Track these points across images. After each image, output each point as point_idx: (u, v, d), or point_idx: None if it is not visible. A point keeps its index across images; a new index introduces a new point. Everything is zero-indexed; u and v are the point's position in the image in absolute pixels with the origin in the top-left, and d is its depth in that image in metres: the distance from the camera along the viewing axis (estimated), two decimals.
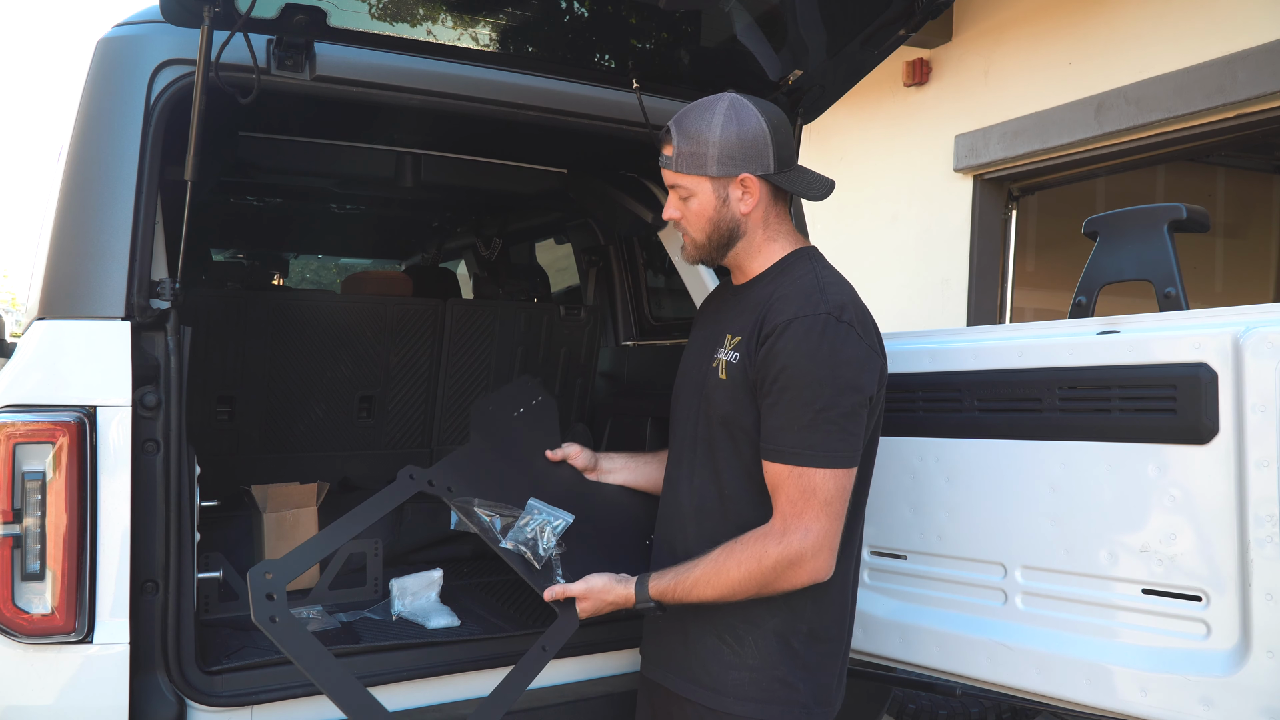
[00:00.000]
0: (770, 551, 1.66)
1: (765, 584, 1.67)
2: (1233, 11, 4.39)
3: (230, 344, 3.01)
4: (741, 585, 1.68)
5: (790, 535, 1.66)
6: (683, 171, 1.79)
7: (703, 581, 1.70)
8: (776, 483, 1.69)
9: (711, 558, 1.71)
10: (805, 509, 1.66)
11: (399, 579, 2.43)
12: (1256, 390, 1.64)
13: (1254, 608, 1.64)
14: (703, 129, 1.76)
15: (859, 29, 2.18)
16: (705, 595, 1.71)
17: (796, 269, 1.81)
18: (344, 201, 4.01)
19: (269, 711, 1.92)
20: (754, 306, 1.79)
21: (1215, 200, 6.99)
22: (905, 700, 3.74)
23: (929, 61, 6.13)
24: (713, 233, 1.81)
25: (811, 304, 1.69)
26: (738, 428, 1.76)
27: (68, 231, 1.81)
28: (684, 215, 1.83)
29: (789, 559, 1.65)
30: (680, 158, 1.78)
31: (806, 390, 1.65)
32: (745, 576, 1.67)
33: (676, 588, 1.73)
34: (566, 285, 4.64)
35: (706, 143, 1.75)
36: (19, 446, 1.69)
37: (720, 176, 1.77)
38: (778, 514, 1.69)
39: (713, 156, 1.76)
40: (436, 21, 2.14)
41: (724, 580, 1.69)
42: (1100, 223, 2.17)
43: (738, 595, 1.69)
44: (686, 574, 1.73)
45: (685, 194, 1.81)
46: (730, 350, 1.78)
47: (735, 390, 1.76)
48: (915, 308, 6.05)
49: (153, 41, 1.87)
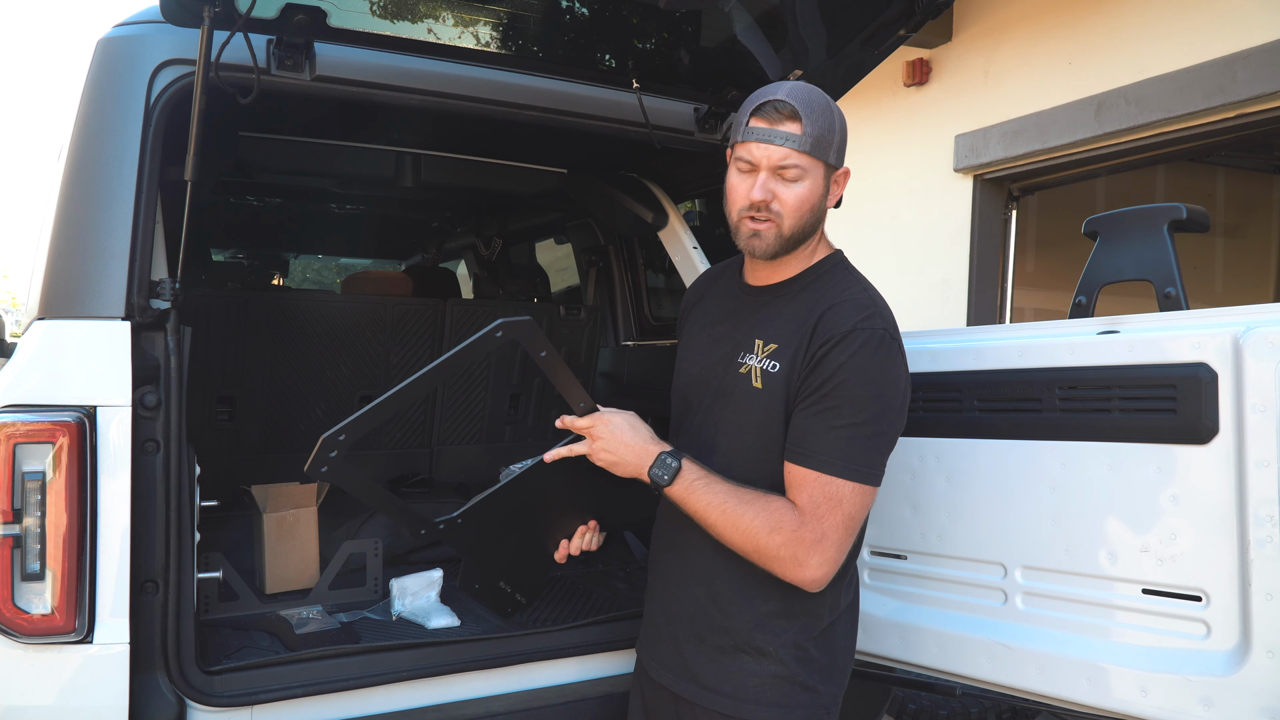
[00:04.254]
0: (785, 527, 1.60)
1: (760, 551, 1.62)
2: (1233, 11, 4.39)
3: (230, 344, 3.01)
4: (744, 536, 1.62)
5: (806, 530, 1.60)
6: (810, 152, 1.66)
7: (726, 501, 1.64)
8: (800, 484, 1.63)
9: (739, 491, 1.65)
10: (826, 516, 1.61)
11: (399, 579, 2.43)
12: (1256, 390, 1.64)
13: (1254, 608, 1.64)
14: (827, 114, 1.68)
15: (859, 29, 2.18)
16: (709, 517, 1.65)
17: (835, 276, 1.76)
18: (344, 201, 4.02)
19: (269, 711, 1.92)
20: (793, 315, 1.73)
21: (1215, 200, 6.99)
22: (905, 700, 3.74)
23: (929, 61, 6.13)
24: (807, 223, 1.71)
25: (869, 319, 1.66)
26: (771, 437, 1.71)
27: (68, 231, 1.81)
28: (780, 198, 1.68)
29: (792, 553, 1.60)
30: (811, 139, 1.65)
31: (855, 402, 1.61)
32: (753, 534, 1.61)
33: (694, 487, 1.66)
34: (566, 285, 4.64)
35: (833, 128, 1.68)
36: (19, 446, 1.68)
37: (834, 166, 1.71)
38: (796, 510, 1.63)
39: (836, 143, 1.69)
40: (436, 21, 2.14)
41: (738, 519, 1.63)
42: (1100, 223, 2.17)
43: (735, 539, 1.64)
44: (714, 482, 1.66)
45: (797, 175, 1.67)
46: (765, 358, 1.72)
47: (774, 400, 1.70)
48: (915, 308, 6.04)
49: (153, 41, 1.87)
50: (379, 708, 2.03)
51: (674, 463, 1.68)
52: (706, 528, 1.68)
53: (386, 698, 2.04)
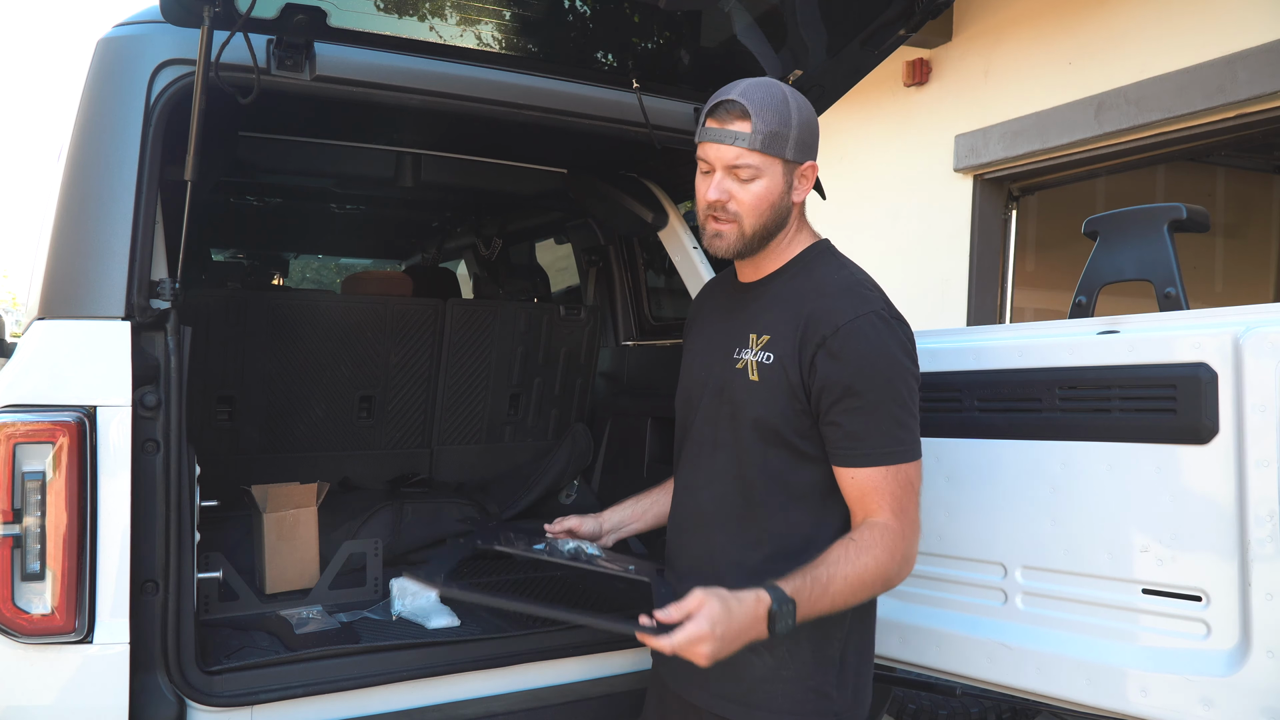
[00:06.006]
0: (899, 547, 1.62)
1: (889, 581, 1.63)
2: (1233, 11, 4.39)
3: (230, 344, 3.01)
4: (874, 584, 1.61)
5: (909, 531, 1.64)
6: (763, 150, 1.66)
7: (836, 580, 1.57)
8: (873, 485, 1.64)
9: (836, 558, 1.59)
10: (909, 503, 1.64)
11: (399, 579, 2.43)
12: (1256, 390, 1.64)
13: (1254, 608, 1.64)
14: (782, 109, 1.67)
15: (859, 29, 2.18)
16: (839, 597, 1.58)
17: (821, 264, 1.76)
18: (344, 201, 4.01)
19: (269, 711, 1.92)
20: (782, 304, 1.73)
21: (1215, 200, 6.99)
22: (905, 700, 3.74)
23: (929, 61, 6.13)
24: (769, 220, 1.71)
25: (861, 303, 1.66)
26: (769, 429, 1.70)
27: (68, 231, 1.81)
28: (736, 198, 1.69)
29: (909, 556, 1.64)
30: (761, 136, 1.64)
31: (885, 390, 1.63)
32: (881, 575, 1.60)
33: (811, 587, 1.55)
34: (566, 285, 4.64)
35: (788, 123, 1.66)
36: (19, 446, 1.68)
37: (793, 161, 1.70)
38: (888, 512, 1.63)
39: (793, 139, 1.67)
40: (436, 21, 2.14)
41: (860, 580, 1.58)
42: (1100, 223, 2.17)
43: (861, 596, 1.61)
44: (815, 574, 1.57)
45: (751, 175, 1.67)
46: (759, 351, 1.72)
47: (773, 393, 1.69)
48: (915, 308, 6.02)
49: (153, 41, 1.87)
50: (379, 708, 2.03)
51: (784, 606, 1.52)
52: (845, 604, 1.61)
53: (386, 698, 2.04)
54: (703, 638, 1.45)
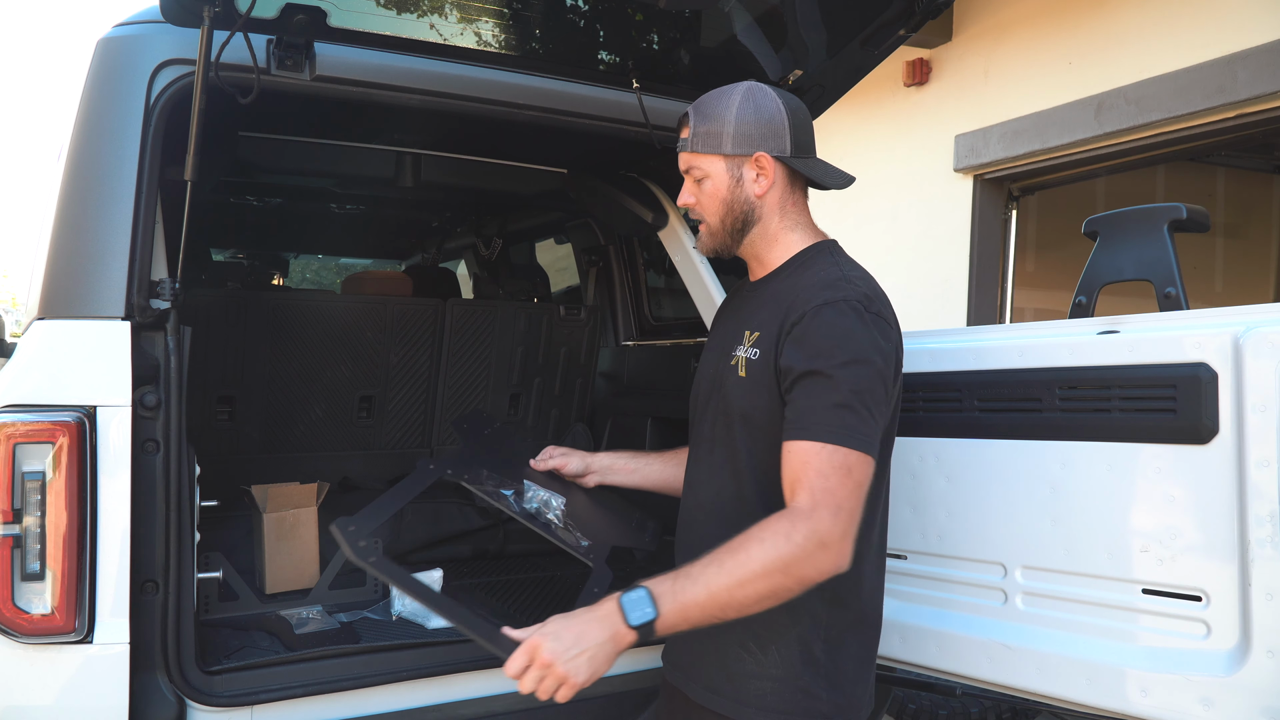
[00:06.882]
0: (799, 528, 1.47)
1: (788, 567, 1.47)
2: (1233, 11, 4.39)
3: (230, 344, 3.01)
4: (764, 570, 1.46)
5: (820, 512, 1.49)
6: (698, 151, 1.75)
7: (713, 567, 1.48)
8: (805, 460, 1.54)
9: (726, 545, 1.50)
10: (839, 487, 1.51)
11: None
12: (1256, 390, 1.64)
13: (1254, 608, 1.64)
14: (720, 109, 1.74)
15: (859, 29, 2.18)
16: (716, 583, 1.47)
17: (817, 263, 1.76)
18: (344, 201, 4.01)
19: (269, 711, 1.92)
20: (774, 300, 1.73)
21: (1215, 200, 6.99)
22: (905, 700, 3.74)
23: (929, 61, 6.13)
24: (726, 215, 1.76)
25: (838, 292, 1.64)
26: (755, 425, 1.70)
27: (68, 231, 1.81)
28: (698, 200, 1.79)
29: (819, 538, 1.47)
30: (696, 137, 1.74)
31: (841, 370, 1.57)
32: (768, 560, 1.46)
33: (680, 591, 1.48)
34: (566, 285, 4.64)
35: (723, 121, 1.72)
36: (19, 446, 1.69)
37: (735, 155, 1.73)
38: (804, 491, 1.52)
39: (728, 134, 1.72)
40: (437, 21, 2.14)
41: (743, 566, 1.46)
42: (1100, 223, 2.17)
43: (755, 585, 1.47)
44: (691, 567, 1.51)
45: (700, 175, 1.76)
46: (750, 347, 1.73)
47: (755, 386, 1.70)
48: (915, 308, 6.04)
49: (153, 41, 1.87)
50: (379, 708, 2.03)
51: (637, 592, 1.48)
52: (736, 609, 1.49)
53: (386, 698, 2.04)
54: (536, 645, 1.49)
